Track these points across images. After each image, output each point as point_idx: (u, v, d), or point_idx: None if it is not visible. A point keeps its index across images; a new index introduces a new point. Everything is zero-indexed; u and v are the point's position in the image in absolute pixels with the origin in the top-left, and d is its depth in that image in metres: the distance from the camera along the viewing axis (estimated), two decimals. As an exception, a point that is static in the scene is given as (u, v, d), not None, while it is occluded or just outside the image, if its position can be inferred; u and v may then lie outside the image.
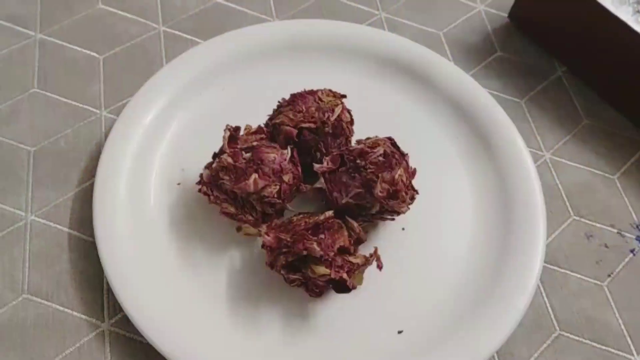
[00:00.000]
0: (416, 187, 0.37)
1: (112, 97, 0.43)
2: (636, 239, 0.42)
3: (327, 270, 0.33)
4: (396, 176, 0.35)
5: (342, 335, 0.35)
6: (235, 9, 0.48)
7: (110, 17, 0.47)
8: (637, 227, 0.42)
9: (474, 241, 0.39)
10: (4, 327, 0.35)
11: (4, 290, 0.36)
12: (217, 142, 0.38)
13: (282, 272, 0.34)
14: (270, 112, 0.40)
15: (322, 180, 0.37)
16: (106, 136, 0.41)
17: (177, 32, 0.47)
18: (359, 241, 0.36)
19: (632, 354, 0.37)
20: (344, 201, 0.36)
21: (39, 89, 0.43)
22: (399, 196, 0.35)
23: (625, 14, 0.49)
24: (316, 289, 0.35)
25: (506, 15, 0.51)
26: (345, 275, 0.33)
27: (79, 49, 0.45)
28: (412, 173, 0.37)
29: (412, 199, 0.36)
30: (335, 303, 0.36)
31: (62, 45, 0.45)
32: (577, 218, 0.42)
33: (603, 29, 0.44)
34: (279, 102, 0.39)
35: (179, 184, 0.39)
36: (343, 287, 0.34)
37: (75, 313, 0.36)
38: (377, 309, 0.36)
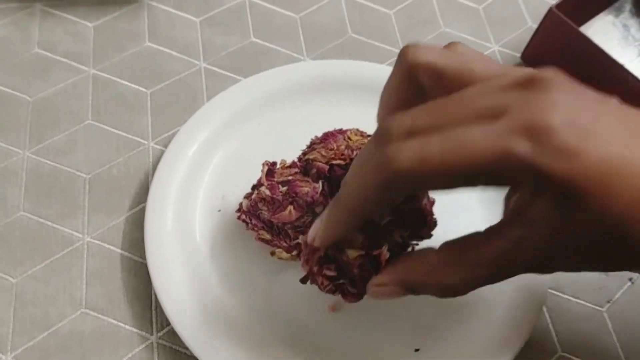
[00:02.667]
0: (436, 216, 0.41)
1: (158, 129, 0.48)
2: (635, 269, 0.45)
3: (361, 251, 0.33)
4: (423, 204, 0.39)
5: (359, 353, 0.39)
6: (270, 47, 0.53)
7: (156, 54, 0.51)
8: (636, 257, 0.46)
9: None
10: (65, 339, 0.39)
11: (65, 305, 0.40)
12: (253, 172, 0.42)
13: (316, 268, 0.34)
14: (303, 147, 0.44)
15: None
16: (154, 165, 0.46)
17: (216, 69, 0.51)
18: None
19: (629, 375, 0.41)
20: (372, 231, 0.40)
21: (93, 121, 0.47)
22: (427, 222, 0.39)
23: (629, 56, 0.53)
24: (352, 289, 0.35)
25: (519, 55, 0.55)
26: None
27: (128, 83, 0.49)
28: (432, 202, 0.41)
29: (435, 224, 0.40)
30: (353, 320, 0.40)
31: (113, 80, 0.49)
32: (581, 248, 0.46)
33: (608, 73, 0.48)
34: (312, 139, 0.43)
35: (219, 210, 0.44)
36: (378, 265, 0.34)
37: (127, 326, 0.40)
38: (394, 327, 0.40)
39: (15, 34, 0.51)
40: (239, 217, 0.41)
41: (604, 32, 0.57)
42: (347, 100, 0.49)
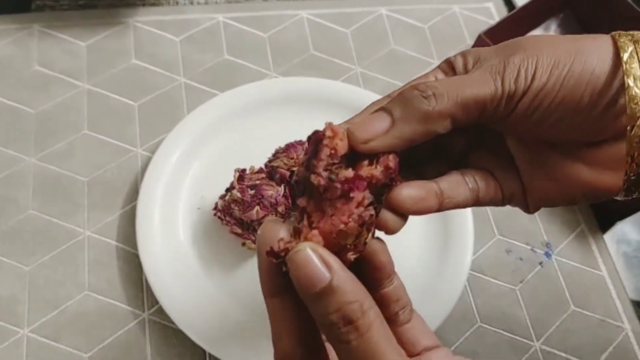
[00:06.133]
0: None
1: (146, 137, 0.55)
2: (544, 254, 0.55)
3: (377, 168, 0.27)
4: None
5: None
6: (241, 63, 0.61)
7: (142, 70, 0.59)
8: (546, 245, 0.55)
9: (420, 254, 0.52)
10: (73, 316, 0.47)
11: (71, 288, 0.48)
12: (228, 175, 0.50)
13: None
14: (270, 153, 0.52)
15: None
16: (142, 169, 0.54)
17: (195, 84, 0.59)
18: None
19: (533, 341, 0.51)
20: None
21: (88, 131, 0.55)
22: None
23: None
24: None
25: (457, 70, 0.64)
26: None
27: (118, 97, 0.57)
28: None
29: None
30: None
31: (105, 94, 0.57)
32: (501, 237, 0.55)
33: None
34: (276, 149, 0.51)
35: (198, 208, 0.52)
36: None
37: (123, 305, 0.48)
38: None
39: (17, 52, 0.58)
40: (215, 214, 0.50)
41: (532, 49, 0.66)
42: (307, 112, 0.57)
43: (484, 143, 0.33)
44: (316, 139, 0.28)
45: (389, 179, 0.28)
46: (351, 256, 0.26)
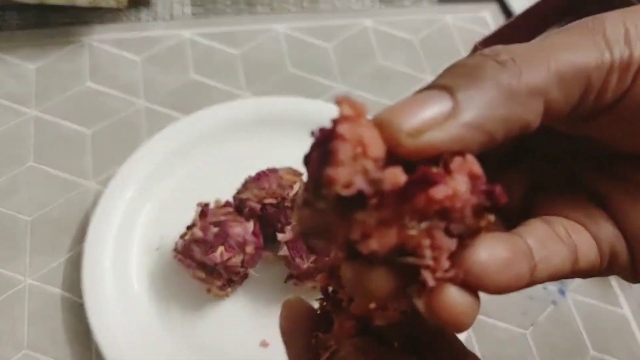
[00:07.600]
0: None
1: (100, 168, 0.49)
2: (558, 291, 0.48)
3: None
4: None
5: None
6: (210, 84, 0.54)
7: (97, 94, 0.52)
8: (559, 281, 0.48)
9: (415, 296, 0.45)
10: (7, 380, 0.40)
11: (7, 347, 0.41)
12: (191, 210, 0.43)
13: None
14: (239, 182, 0.46)
15: (284, 248, 0.43)
16: (94, 205, 0.47)
17: (157, 107, 0.52)
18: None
19: (549, 395, 0.44)
20: (305, 266, 0.42)
21: (35, 163, 0.49)
22: None
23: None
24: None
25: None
26: None
27: (70, 124, 0.51)
28: None
29: None
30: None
31: (55, 121, 0.51)
32: (507, 273, 0.48)
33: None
34: (245, 179, 0.45)
35: (157, 249, 0.45)
36: None
37: (67, 366, 0.41)
38: None
39: (-42, 77, 0.52)
40: (175, 257, 0.43)
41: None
42: (283, 137, 0.50)
43: (551, 183, 0.23)
44: (325, 134, 0.17)
45: (488, 197, 0.17)
46: None
